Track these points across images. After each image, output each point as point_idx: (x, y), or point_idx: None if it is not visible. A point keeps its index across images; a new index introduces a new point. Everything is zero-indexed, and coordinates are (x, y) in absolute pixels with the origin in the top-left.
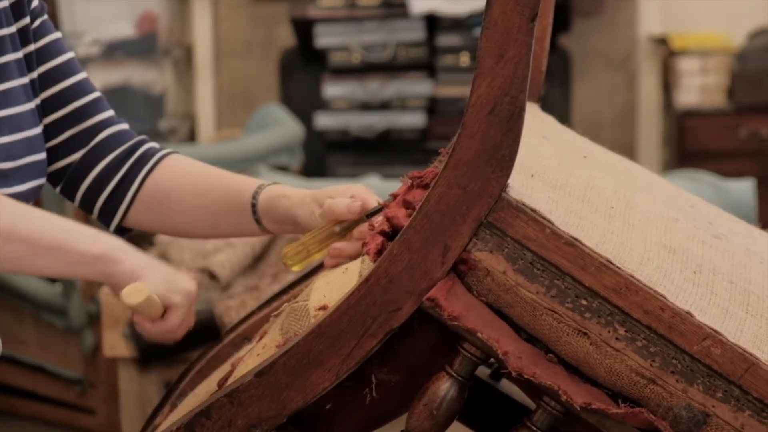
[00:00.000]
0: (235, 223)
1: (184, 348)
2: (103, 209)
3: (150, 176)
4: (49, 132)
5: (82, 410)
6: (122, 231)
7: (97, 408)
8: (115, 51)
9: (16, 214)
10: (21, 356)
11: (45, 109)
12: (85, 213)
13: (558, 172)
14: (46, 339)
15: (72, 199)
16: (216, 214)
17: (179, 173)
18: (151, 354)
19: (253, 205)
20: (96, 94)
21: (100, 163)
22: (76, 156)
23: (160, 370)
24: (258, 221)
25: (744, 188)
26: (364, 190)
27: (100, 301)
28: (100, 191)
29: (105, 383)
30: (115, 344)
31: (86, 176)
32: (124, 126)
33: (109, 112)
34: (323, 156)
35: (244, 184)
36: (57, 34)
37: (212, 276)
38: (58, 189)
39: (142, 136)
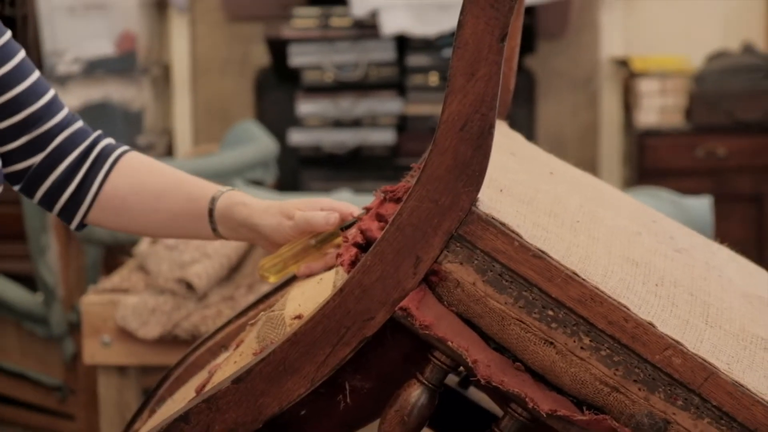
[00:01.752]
0: (191, 227)
1: None
2: (64, 209)
3: (108, 178)
4: (6, 137)
5: (63, 416)
6: (80, 226)
7: (76, 414)
8: (95, 69)
9: None
10: (2, 363)
11: (4, 111)
12: (44, 209)
13: (526, 187)
14: (27, 347)
15: (31, 197)
16: (173, 216)
17: (137, 174)
18: None
19: (210, 211)
20: (49, 96)
21: (59, 167)
22: (36, 159)
23: (138, 377)
24: (214, 228)
25: (701, 205)
26: (330, 203)
27: (81, 311)
28: (59, 194)
29: (85, 390)
30: (95, 352)
31: (45, 179)
32: (79, 124)
33: (63, 112)
34: (297, 171)
35: (202, 189)
36: (5, 37)
37: (189, 286)
38: (17, 188)
39: (98, 132)
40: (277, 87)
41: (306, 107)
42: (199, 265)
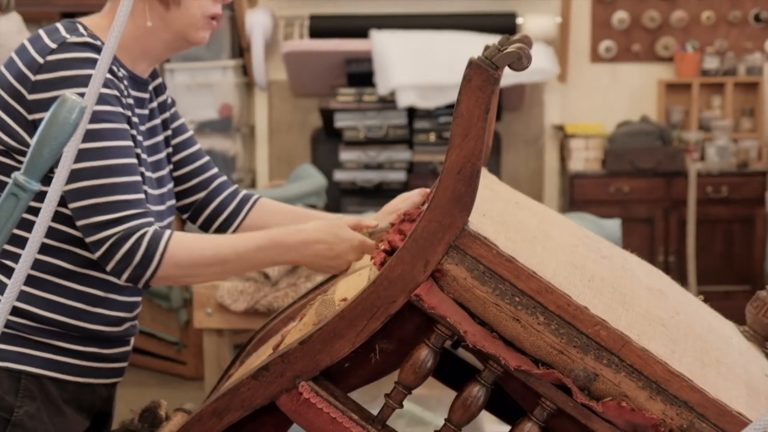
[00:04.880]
0: None
1: None
2: (217, 230)
3: (250, 213)
4: (184, 178)
5: (178, 362)
6: None
7: (188, 361)
8: (204, 128)
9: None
10: (139, 326)
11: (180, 164)
12: (201, 230)
13: (500, 212)
14: (155, 315)
15: (194, 222)
16: None
17: (271, 211)
18: None
19: None
20: (207, 158)
21: (214, 202)
22: (200, 195)
23: (231, 337)
24: None
25: (613, 225)
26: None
27: (192, 291)
28: (214, 220)
29: (194, 345)
30: (202, 319)
31: (206, 209)
32: (225, 177)
33: (216, 169)
34: (339, 199)
35: (322, 217)
36: (183, 119)
37: (266, 276)
38: (185, 216)
39: (236, 186)
40: (326, 141)
41: (346, 155)
42: None
